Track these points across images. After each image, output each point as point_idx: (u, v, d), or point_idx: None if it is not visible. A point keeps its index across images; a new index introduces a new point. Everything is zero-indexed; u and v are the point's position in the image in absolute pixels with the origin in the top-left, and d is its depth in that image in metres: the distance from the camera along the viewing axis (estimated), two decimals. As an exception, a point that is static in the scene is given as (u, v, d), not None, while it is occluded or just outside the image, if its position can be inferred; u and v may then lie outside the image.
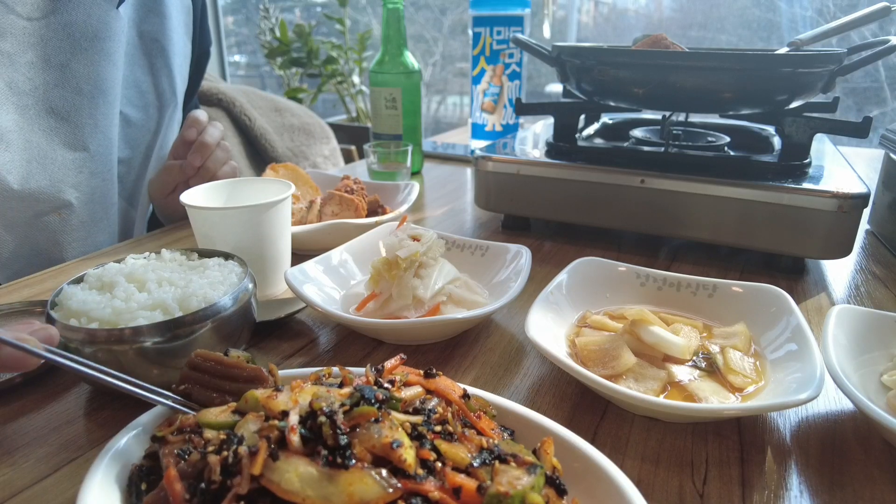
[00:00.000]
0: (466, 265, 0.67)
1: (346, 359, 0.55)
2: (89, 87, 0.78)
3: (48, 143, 0.77)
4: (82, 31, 0.76)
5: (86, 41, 0.77)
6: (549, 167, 0.81)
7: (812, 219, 0.68)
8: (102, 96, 0.80)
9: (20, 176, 0.74)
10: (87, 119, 0.79)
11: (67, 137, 0.78)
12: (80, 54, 0.77)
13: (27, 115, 0.74)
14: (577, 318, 0.57)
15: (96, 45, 0.78)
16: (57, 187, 0.78)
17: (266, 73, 3.55)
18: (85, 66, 0.77)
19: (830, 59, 0.70)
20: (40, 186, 0.76)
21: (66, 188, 0.79)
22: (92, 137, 0.80)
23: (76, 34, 0.76)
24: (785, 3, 2.13)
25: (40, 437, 0.44)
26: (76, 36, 0.76)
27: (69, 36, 0.76)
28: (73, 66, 0.77)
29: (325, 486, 0.27)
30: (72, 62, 0.76)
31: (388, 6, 1.08)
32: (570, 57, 0.81)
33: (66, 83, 0.77)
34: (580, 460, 0.35)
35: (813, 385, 0.41)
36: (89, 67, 0.78)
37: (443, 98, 3.21)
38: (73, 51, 0.76)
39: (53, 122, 0.77)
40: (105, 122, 0.81)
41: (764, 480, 0.40)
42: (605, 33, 2.72)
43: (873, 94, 2.15)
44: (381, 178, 1.09)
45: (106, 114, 0.81)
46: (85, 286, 0.49)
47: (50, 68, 0.75)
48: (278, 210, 0.64)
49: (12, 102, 0.73)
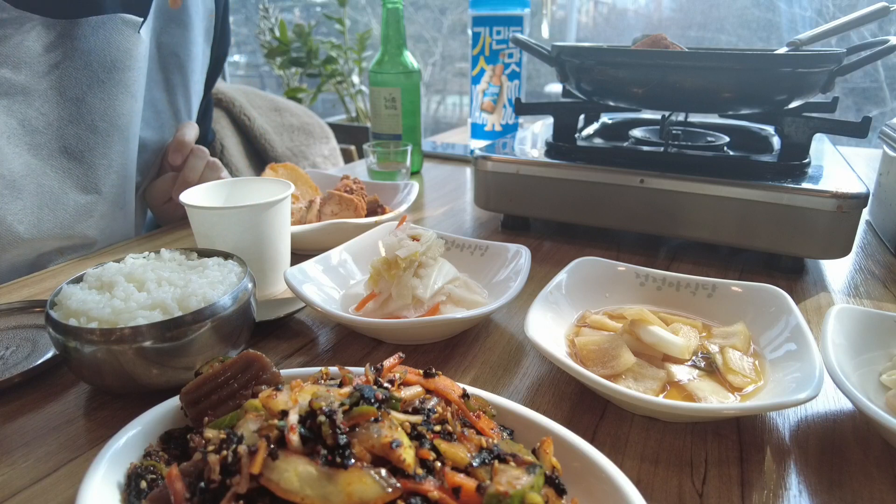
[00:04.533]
0: (466, 265, 0.67)
1: (345, 358, 0.55)
2: (105, 125, 0.75)
3: (60, 186, 0.73)
4: (100, 61, 0.73)
5: (104, 72, 0.73)
6: (548, 167, 0.81)
7: (811, 219, 0.68)
8: (118, 132, 0.77)
9: (31, 224, 0.72)
10: (100, 159, 0.76)
11: (80, 180, 0.75)
12: (96, 87, 0.73)
13: (40, 155, 0.71)
14: (576, 317, 0.57)
15: (114, 77, 0.74)
16: (65, 232, 0.76)
17: (265, 73, 3.55)
18: (101, 100, 0.74)
19: (830, 59, 0.70)
20: (50, 232, 0.74)
21: (74, 232, 0.77)
22: (105, 178, 0.77)
23: (94, 64, 0.72)
24: (784, 3, 2.13)
25: (40, 437, 0.44)
26: (94, 66, 0.72)
27: (87, 66, 0.72)
28: (90, 100, 0.73)
29: (324, 485, 0.27)
30: (88, 96, 0.73)
31: (388, 6, 1.08)
32: (570, 57, 0.81)
33: (81, 119, 0.73)
34: (579, 460, 0.35)
35: (812, 385, 0.41)
36: (106, 102, 0.74)
37: (442, 98, 3.21)
38: (89, 83, 0.73)
39: (66, 162, 0.74)
40: (119, 160, 0.78)
41: (763, 480, 0.40)
42: (605, 33, 2.72)
43: (872, 94, 2.15)
44: (380, 177, 1.09)
45: (121, 152, 0.78)
46: (84, 286, 0.49)
47: (65, 102, 0.72)
48: (278, 210, 0.64)
49: (25, 143, 0.70)
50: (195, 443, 0.34)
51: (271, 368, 0.40)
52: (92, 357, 0.43)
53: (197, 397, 0.38)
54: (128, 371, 0.44)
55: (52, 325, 0.44)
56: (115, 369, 0.44)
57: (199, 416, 0.37)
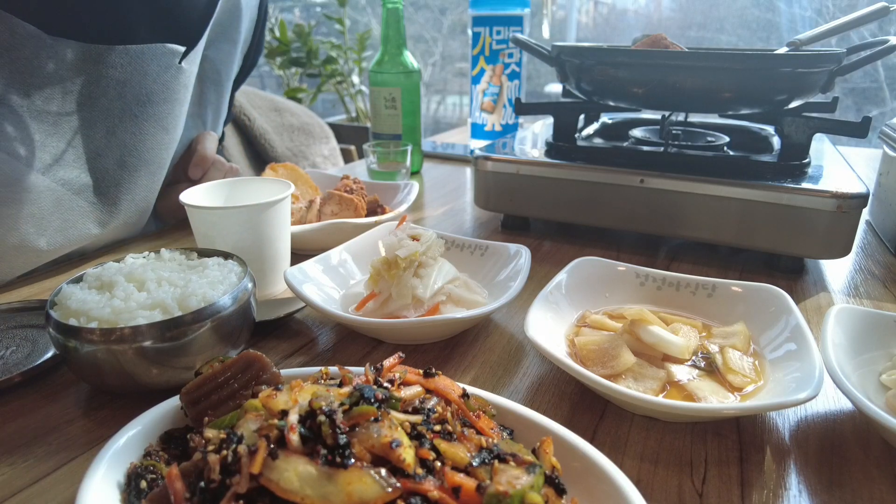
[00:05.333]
0: (466, 265, 0.67)
1: (345, 358, 0.55)
2: (133, 160, 0.72)
3: (83, 222, 0.72)
4: (135, 94, 0.69)
5: (137, 106, 0.69)
6: (548, 167, 0.81)
7: (811, 218, 0.68)
8: (146, 167, 0.74)
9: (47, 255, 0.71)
10: (125, 194, 0.74)
11: (102, 215, 0.73)
12: (129, 121, 0.69)
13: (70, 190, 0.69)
14: (576, 317, 0.57)
15: (148, 111, 0.71)
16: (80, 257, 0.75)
17: (265, 73, 3.55)
18: (133, 134, 0.70)
19: (830, 59, 0.70)
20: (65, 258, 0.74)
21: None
22: (126, 211, 0.75)
23: (128, 96, 0.68)
24: (784, 3, 2.13)
25: (39, 437, 0.44)
26: (127, 98, 0.69)
27: (120, 97, 0.68)
28: (120, 134, 0.70)
29: (324, 485, 0.27)
30: (118, 130, 0.69)
31: (388, 6, 1.08)
32: (570, 57, 0.81)
33: (110, 153, 0.70)
34: (579, 460, 0.35)
35: (812, 385, 0.41)
36: (137, 137, 0.71)
37: (442, 98, 3.21)
38: (121, 116, 0.69)
39: (92, 196, 0.71)
40: (144, 193, 0.76)
41: (763, 480, 0.40)
42: (605, 33, 2.72)
43: (872, 94, 2.15)
44: (380, 177, 1.09)
45: (146, 185, 0.76)
46: (84, 285, 0.49)
47: (96, 136, 0.69)
48: (278, 210, 0.64)
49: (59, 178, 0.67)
50: (195, 443, 0.34)
51: (271, 368, 0.40)
52: (92, 357, 0.43)
53: (197, 397, 0.38)
54: (128, 371, 0.44)
55: (52, 325, 0.44)
56: (115, 369, 0.44)
57: (199, 416, 0.37)
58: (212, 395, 0.38)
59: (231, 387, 0.38)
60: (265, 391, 0.33)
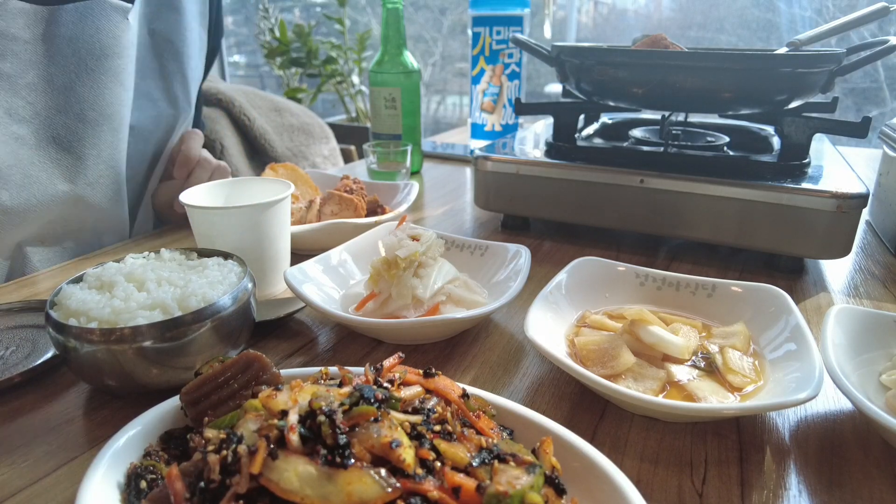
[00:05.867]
0: (466, 265, 0.67)
1: (345, 358, 0.55)
2: (94, 114, 0.74)
3: (48, 177, 0.73)
4: (88, 49, 0.71)
5: (92, 60, 0.71)
6: (548, 167, 0.81)
7: (811, 219, 0.68)
8: (107, 122, 0.75)
9: (16, 215, 0.71)
10: (89, 149, 0.75)
11: (68, 170, 0.74)
12: (85, 75, 0.72)
13: (27, 145, 0.70)
14: (576, 317, 0.57)
15: (103, 65, 0.72)
16: (49, 220, 0.75)
17: (265, 73, 3.56)
18: (90, 88, 0.72)
19: (829, 60, 0.70)
20: (32, 220, 0.73)
21: (58, 221, 0.76)
22: (94, 168, 0.76)
23: (82, 51, 0.71)
24: (784, 3, 2.13)
25: (39, 437, 0.44)
26: (82, 53, 0.71)
27: (75, 53, 0.70)
28: (78, 89, 0.72)
29: (324, 485, 0.27)
30: (76, 84, 0.71)
31: (388, 6, 1.08)
32: (570, 57, 0.81)
33: (70, 109, 0.72)
34: (579, 460, 0.35)
35: (812, 385, 0.41)
36: (94, 91, 0.73)
37: (442, 98, 3.21)
38: (77, 71, 0.71)
39: (54, 152, 0.73)
40: (109, 150, 0.77)
41: (763, 480, 0.40)
42: (605, 33, 2.72)
43: (872, 95, 2.15)
44: (380, 177, 1.09)
45: (110, 142, 0.77)
46: (84, 286, 0.49)
47: (53, 91, 0.71)
48: (278, 210, 0.64)
49: (11, 133, 0.69)
50: (195, 443, 0.34)
51: (271, 368, 0.40)
52: (92, 357, 0.43)
53: (197, 397, 0.38)
54: (128, 371, 0.44)
55: (52, 325, 0.44)
56: (114, 369, 0.44)
57: (199, 416, 0.37)
58: (212, 396, 0.38)
59: (231, 387, 0.38)
60: (265, 391, 0.33)
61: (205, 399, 0.38)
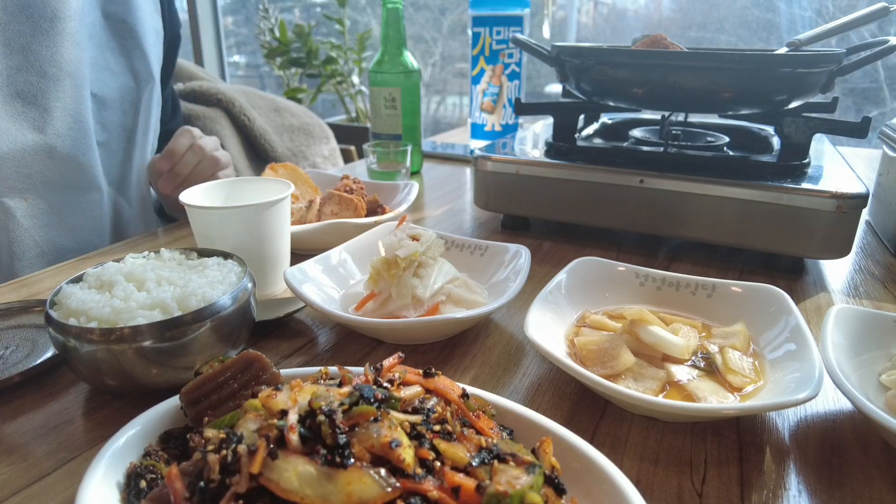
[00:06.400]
0: (466, 265, 0.67)
1: (345, 358, 0.55)
2: (54, 70, 0.78)
3: (17, 128, 0.77)
4: (41, 13, 0.76)
5: (45, 22, 0.76)
6: (548, 167, 0.81)
7: (811, 219, 0.68)
8: (69, 78, 0.79)
9: None
10: (54, 102, 0.79)
11: (36, 122, 0.78)
12: (40, 36, 0.76)
13: None
14: (576, 317, 0.57)
15: (57, 26, 0.77)
16: (26, 172, 0.78)
17: (265, 74, 3.55)
18: (47, 47, 0.77)
19: (829, 60, 0.70)
20: (8, 171, 0.77)
21: (35, 172, 0.79)
22: (61, 121, 0.80)
23: (35, 16, 0.75)
24: (784, 3, 2.13)
25: (39, 437, 0.44)
26: (35, 17, 0.75)
27: (28, 18, 0.75)
28: (35, 48, 0.76)
29: (323, 485, 0.27)
30: (33, 44, 0.76)
31: (388, 6, 1.08)
32: (570, 57, 0.81)
33: (30, 67, 0.76)
34: (579, 460, 0.35)
35: (812, 385, 0.41)
36: (52, 49, 0.77)
37: (442, 98, 3.21)
38: (33, 33, 0.76)
39: (20, 106, 0.77)
40: (74, 104, 0.81)
41: (763, 480, 0.40)
42: (605, 33, 2.72)
43: (872, 95, 2.15)
44: (380, 177, 1.09)
45: (74, 96, 0.81)
46: (84, 285, 0.49)
47: (11, 52, 0.75)
48: (277, 210, 0.64)
49: None
50: (195, 442, 0.34)
51: (271, 368, 0.40)
52: (92, 357, 0.43)
53: (197, 397, 0.38)
54: (127, 371, 0.44)
55: (52, 325, 0.44)
56: (114, 369, 0.44)
57: (198, 415, 0.37)
58: (211, 395, 0.38)
59: (231, 387, 0.38)
60: (265, 391, 0.33)
61: (204, 399, 0.38)
